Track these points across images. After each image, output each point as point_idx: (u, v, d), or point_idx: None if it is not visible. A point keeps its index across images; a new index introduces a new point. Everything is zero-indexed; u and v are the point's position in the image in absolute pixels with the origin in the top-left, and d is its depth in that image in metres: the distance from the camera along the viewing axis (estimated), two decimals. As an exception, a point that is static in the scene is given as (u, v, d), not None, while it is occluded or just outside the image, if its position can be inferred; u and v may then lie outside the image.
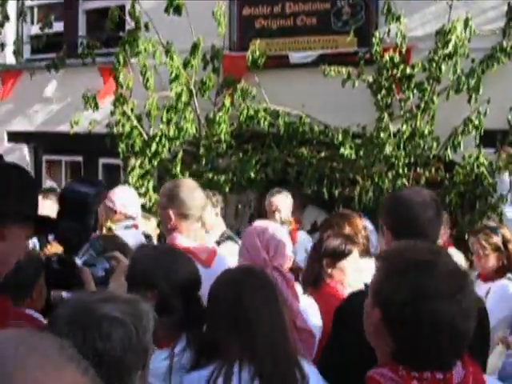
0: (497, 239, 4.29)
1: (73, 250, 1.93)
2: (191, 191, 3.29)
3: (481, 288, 4.00)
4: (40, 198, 1.93)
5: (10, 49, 9.67)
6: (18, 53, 8.59)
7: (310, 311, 2.96)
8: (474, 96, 6.07)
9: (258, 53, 7.36)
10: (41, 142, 9.79)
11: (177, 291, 2.33)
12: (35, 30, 9.85)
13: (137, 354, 1.56)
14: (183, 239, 3.22)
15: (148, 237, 4.59)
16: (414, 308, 1.67)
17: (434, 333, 1.66)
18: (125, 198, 4.51)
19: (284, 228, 3.45)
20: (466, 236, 5.18)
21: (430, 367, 1.67)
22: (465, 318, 1.67)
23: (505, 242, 4.28)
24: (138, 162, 7.36)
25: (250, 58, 7.34)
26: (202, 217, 3.43)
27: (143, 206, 6.67)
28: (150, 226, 5.27)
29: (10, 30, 9.75)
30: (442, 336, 1.66)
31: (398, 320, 1.70)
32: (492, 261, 4.29)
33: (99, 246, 2.10)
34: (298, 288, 3.08)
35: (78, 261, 1.94)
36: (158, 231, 5.40)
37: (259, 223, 3.17)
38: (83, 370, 0.83)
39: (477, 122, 6.08)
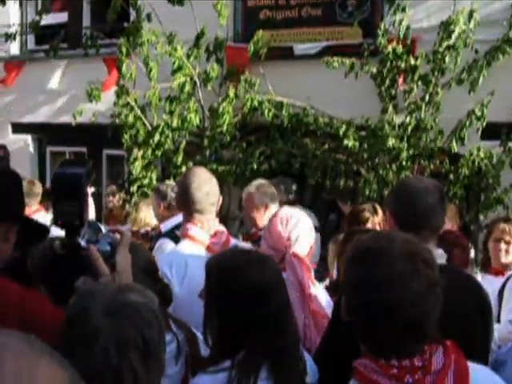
0: None
1: (75, 232, 1.91)
2: (203, 186, 3.29)
3: (492, 282, 3.97)
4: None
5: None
6: (12, 37, 8.52)
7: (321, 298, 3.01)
8: (476, 88, 6.04)
9: (260, 43, 7.34)
10: (45, 133, 9.80)
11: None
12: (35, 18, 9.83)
13: (164, 339, 1.60)
14: (197, 230, 3.24)
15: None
16: (362, 295, 1.71)
17: (385, 319, 1.68)
18: None
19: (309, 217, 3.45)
20: (472, 227, 5.17)
21: (392, 354, 1.68)
22: (416, 303, 1.67)
23: None
24: (141, 152, 7.36)
25: (252, 48, 7.33)
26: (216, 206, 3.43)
27: (147, 196, 6.70)
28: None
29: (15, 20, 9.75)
30: (394, 322, 1.67)
31: (353, 308, 1.75)
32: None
33: (96, 225, 2.10)
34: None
35: (81, 241, 1.91)
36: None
37: (285, 210, 3.17)
38: (58, 362, 0.82)
39: (480, 114, 6.05)
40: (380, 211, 3.96)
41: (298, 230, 3.01)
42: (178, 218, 4.98)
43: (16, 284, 1.90)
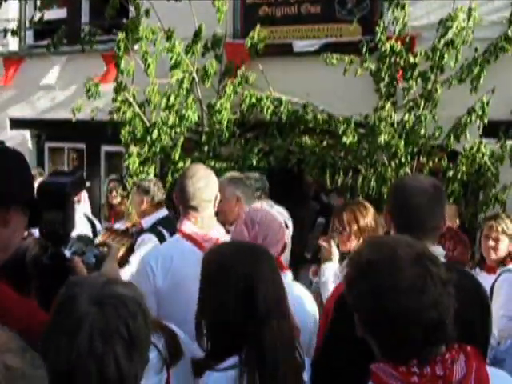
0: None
1: (60, 241, 1.94)
2: (197, 182, 3.29)
3: (485, 279, 3.99)
4: None
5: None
6: (15, 33, 8.51)
7: (304, 300, 2.92)
8: (476, 85, 6.04)
9: (256, 39, 7.33)
10: (43, 129, 9.79)
11: None
12: (38, 15, 9.81)
13: (149, 333, 1.62)
14: (190, 226, 3.23)
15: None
16: (376, 307, 1.68)
17: (404, 327, 1.65)
18: None
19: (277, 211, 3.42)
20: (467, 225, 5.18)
21: (412, 359, 1.66)
22: (432, 307, 1.65)
23: None
24: (136, 149, 7.35)
25: (249, 43, 7.32)
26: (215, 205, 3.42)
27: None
28: None
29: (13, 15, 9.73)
30: (414, 327, 1.65)
31: (369, 321, 1.73)
32: (504, 248, 4.30)
33: (87, 238, 2.11)
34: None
35: (67, 252, 1.93)
36: None
37: (250, 212, 3.08)
38: (22, 352, 0.83)
39: (480, 112, 6.05)
40: (370, 209, 3.95)
41: (265, 230, 2.88)
42: (160, 213, 5.01)
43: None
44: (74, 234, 2.18)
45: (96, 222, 6.43)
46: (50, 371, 1.40)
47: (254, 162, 7.03)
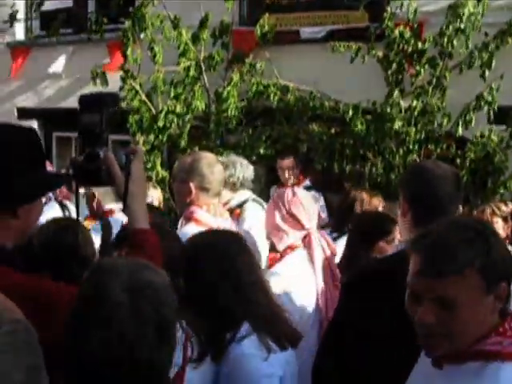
0: (507, 209, 4.38)
1: (96, 141, 2.03)
2: (211, 165, 3.28)
3: None
4: None
5: (19, 25, 9.66)
6: (14, 18, 8.51)
7: None
8: (485, 71, 5.99)
9: (266, 27, 7.30)
10: (50, 118, 9.78)
11: None
12: (46, 5, 9.79)
13: (176, 319, 1.63)
14: (203, 213, 3.22)
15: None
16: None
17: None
18: None
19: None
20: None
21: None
22: None
23: None
24: (143, 137, 7.34)
25: (259, 31, 7.29)
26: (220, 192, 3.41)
27: (150, 180, 6.72)
28: (156, 195, 5.43)
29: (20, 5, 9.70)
30: None
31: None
32: (500, 231, 4.30)
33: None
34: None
35: (100, 152, 2.02)
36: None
37: (298, 191, 3.24)
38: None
39: (490, 99, 6.01)
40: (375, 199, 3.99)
41: (308, 206, 3.12)
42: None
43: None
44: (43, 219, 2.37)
45: (71, 207, 6.14)
46: (85, 360, 1.42)
47: (262, 150, 7.02)
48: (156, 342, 1.50)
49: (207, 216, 3.21)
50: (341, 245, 3.68)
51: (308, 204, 3.12)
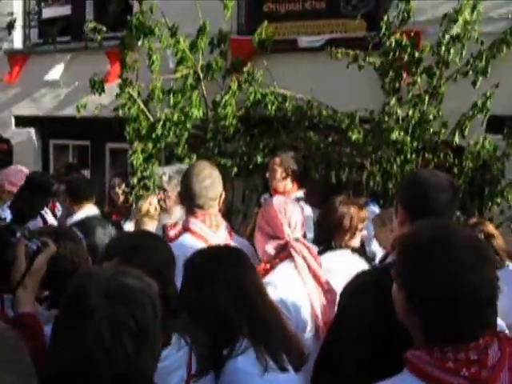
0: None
1: (23, 219, 2.17)
2: (203, 181, 3.27)
3: None
4: None
5: (18, 33, 9.67)
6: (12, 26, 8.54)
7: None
8: (480, 80, 6.00)
9: (264, 35, 7.32)
10: (48, 126, 9.79)
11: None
12: (44, 13, 9.83)
13: (159, 324, 1.63)
14: (199, 225, 3.23)
15: None
16: (435, 284, 1.68)
17: (459, 306, 1.66)
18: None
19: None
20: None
21: (461, 340, 1.67)
22: (487, 288, 1.68)
23: (488, 235, 4.26)
24: (141, 145, 7.34)
25: (257, 40, 7.31)
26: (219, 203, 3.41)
27: (147, 189, 6.71)
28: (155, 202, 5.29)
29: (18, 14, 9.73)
30: (467, 307, 1.67)
31: (422, 298, 1.72)
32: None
33: (45, 230, 2.38)
34: None
35: (18, 233, 2.11)
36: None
37: (278, 200, 3.26)
38: None
39: (483, 108, 6.01)
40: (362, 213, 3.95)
41: (296, 216, 3.16)
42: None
43: None
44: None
45: (49, 217, 6.00)
46: (60, 364, 1.42)
47: (259, 159, 7.02)
48: (134, 347, 1.50)
49: (203, 227, 3.22)
50: (324, 260, 3.65)
51: (290, 213, 3.12)
